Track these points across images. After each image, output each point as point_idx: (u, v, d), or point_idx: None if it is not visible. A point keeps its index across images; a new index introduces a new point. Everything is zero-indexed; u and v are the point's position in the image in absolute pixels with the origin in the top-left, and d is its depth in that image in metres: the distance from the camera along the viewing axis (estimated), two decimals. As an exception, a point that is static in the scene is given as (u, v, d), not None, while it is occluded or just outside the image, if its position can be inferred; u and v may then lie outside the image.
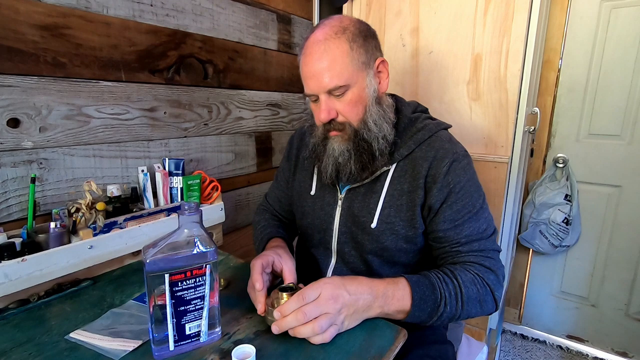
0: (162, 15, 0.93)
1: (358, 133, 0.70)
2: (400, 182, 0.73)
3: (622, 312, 1.62)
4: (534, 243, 1.66)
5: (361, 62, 0.68)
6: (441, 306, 0.63)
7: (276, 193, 0.96)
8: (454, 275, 0.65)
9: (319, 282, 0.59)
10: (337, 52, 0.66)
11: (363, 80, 0.69)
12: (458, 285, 0.64)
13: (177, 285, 0.52)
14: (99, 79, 0.83)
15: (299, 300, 0.56)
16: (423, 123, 0.75)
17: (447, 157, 0.70)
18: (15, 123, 0.71)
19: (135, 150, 0.92)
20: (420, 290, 0.63)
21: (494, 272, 0.68)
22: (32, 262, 0.67)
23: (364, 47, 0.68)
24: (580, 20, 1.50)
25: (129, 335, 0.58)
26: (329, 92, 0.68)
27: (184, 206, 0.54)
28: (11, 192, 0.72)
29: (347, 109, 0.69)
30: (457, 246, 0.69)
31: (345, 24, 0.68)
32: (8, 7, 0.69)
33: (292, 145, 0.92)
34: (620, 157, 1.51)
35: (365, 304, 0.60)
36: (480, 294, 0.66)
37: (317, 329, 0.55)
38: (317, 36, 0.68)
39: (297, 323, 0.55)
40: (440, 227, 0.70)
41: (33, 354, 0.55)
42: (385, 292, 0.62)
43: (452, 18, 1.16)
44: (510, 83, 1.11)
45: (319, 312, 0.56)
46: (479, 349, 1.14)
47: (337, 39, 0.66)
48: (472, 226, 0.69)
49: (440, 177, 0.69)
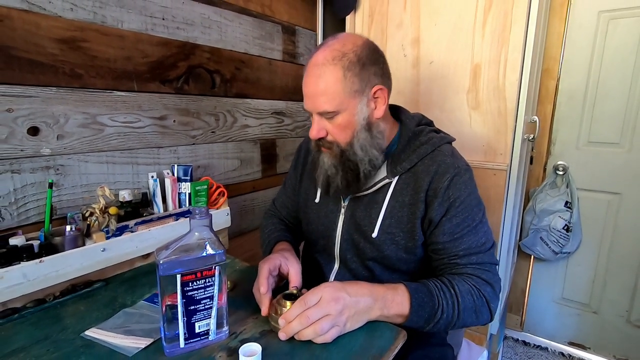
0: (173, 28, 0.98)
1: (344, 153, 0.73)
2: (402, 194, 0.75)
3: (623, 318, 1.62)
4: (535, 249, 1.67)
5: (353, 90, 0.69)
6: (438, 313, 0.66)
7: (283, 199, 1.00)
8: (451, 284, 0.68)
9: (320, 287, 0.62)
10: (330, 79, 0.68)
11: (354, 107, 0.70)
12: (455, 295, 0.67)
13: (188, 285, 0.55)
14: (112, 89, 0.87)
15: (301, 305, 0.59)
16: (427, 136, 0.77)
17: (449, 172, 0.71)
18: (34, 131, 0.75)
19: (146, 157, 0.96)
20: (419, 297, 0.65)
21: (491, 284, 0.70)
22: (48, 263, 0.71)
23: (359, 75, 0.69)
24: (578, 30, 1.53)
25: (141, 334, 0.61)
26: (320, 113, 0.71)
27: (195, 210, 0.58)
28: (30, 197, 0.76)
29: (336, 132, 0.72)
30: (456, 258, 0.71)
31: (346, 50, 0.69)
32: (30, 23, 0.73)
33: (299, 154, 0.96)
34: (620, 164, 1.53)
35: (366, 305, 0.62)
36: (477, 305, 0.68)
37: (318, 331, 0.57)
38: (317, 58, 0.70)
39: (301, 327, 0.58)
40: (439, 240, 0.72)
41: (51, 350, 0.58)
42: (385, 296, 0.64)
43: (451, 29, 1.20)
44: (508, 92, 1.14)
45: (321, 314, 0.58)
46: (479, 354, 1.15)
47: (333, 65, 0.68)
48: (471, 240, 0.71)
49: (441, 191, 0.71)
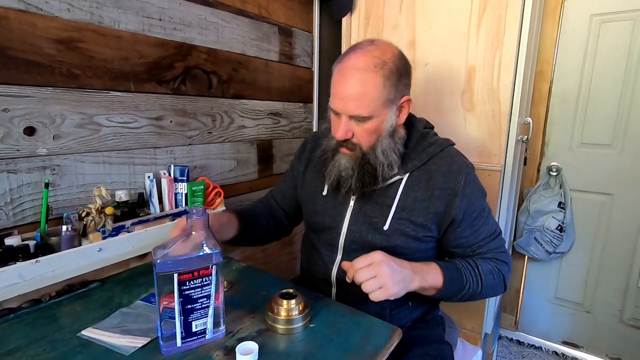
0: (170, 29, 0.98)
1: (365, 156, 0.76)
2: (414, 190, 0.79)
3: (616, 318, 1.64)
4: (529, 250, 1.69)
5: (388, 99, 0.72)
6: (465, 288, 0.75)
7: (282, 187, 1.02)
8: (476, 265, 0.77)
9: (369, 254, 0.67)
10: (370, 85, 0.69)
11: (385, 115, 0.74)
12: (479, 274, 0.76)
13: (185, 284, 0.56)
14: (109, 90, 0.87)
15: (351, 267, 0.66)
16: (433, 139, 0.83)
17: (462, 171, 0.78)
18: (31, 131, 0.75)
19: (143, 158, 0.96)
20: (450, 273, 0.74)
21: (507, 263, 0.81)
22: (45, 263, 0.70)
23: (396, 86, 0.72)
24: (571, 33, 1.55)
25: (138, 333, 0.61)
26: (351, 116, 0.73)
27: (192, 210, 0.58)
28: (26, 197, 0.76)
29: (363, 135, 0.74)
30: (477, 248, 0.80)
31: (386, 58, 0.71)
32: (27, 23, 0.73)
33: (305, 148, 0.98)
34: (612, 165, 1.55)
35: (409, 275, 0.69)
36: (496, 282, 0.78)
37: (367, 289, 0.63)
38: (357, 62, 0.70)
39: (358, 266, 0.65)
40: (463, 234, 0.79)
41: (47, 349, 0.58)
42: (422, 269, 0.72)
43: (446, 32, 1.21)
44: (502, 94, 1.15)
45: (371, 274, 0.64)
46: (474, 353, 1.16)
47: (374, 72, 0.69)
48: (487, 229, 0.80)
49: (460, 190, 0.77)
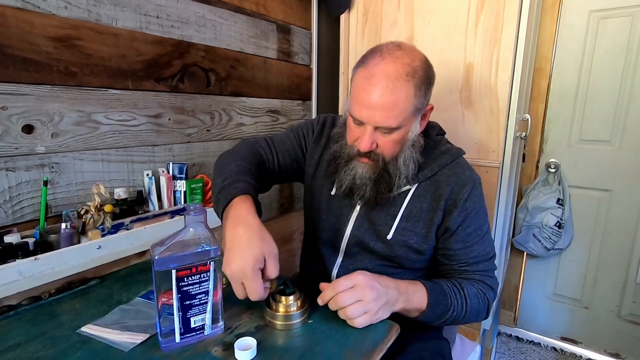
0: (168, 26, 0.98)
1: (387, 166, 0.73)
2: (420, 200, 0.77)
3: (614, 313, 1.65)
4: (527, 246, 1.69)
5: (417, 109, 0.69)
6: (449, 311, 0.72)
7: (287, 143, 0.89)
8: (462, 287, 0.74)
9: (353, 274, 0.64)
10: (402, 95, 0.65)
11: (411, 124, 0.71)
12: (465, 297, 0.73)
13: (183, 280, 0.56)
14: (107, 87, 0.87)
15: (332, 289, 0.62)
16: (445, 147, 0.81)
17: (468, 184, 0.75)
18: (29, 129, 0.75)
19: (141, 155, 0.96)
20: (435, 295, 0.71)
21: (493, 290, 0.78)
22: (44, 260, 0.71)
23: (425, 95, 0.69)
24: (570, 29, 1.55)
25: (137, 329, 0.62)
26: (378, 127, 0.69)
27: (189, 207, 0.58)
28: (24, 195, 0.76)
29: (388, 146, 0.71)
30: (465, 265, 0.77)
31: (416, 65, 0.67)
32: (24, 21, 0.73)
33: (323, 132, 0.88)
34: (610, 162, 1.56)
35: (394, 297, 0.66)
36: (480, 307, 0.75)
37: (349, 314, 0.60)
38: (387, 69, 0.65)
39: (335, 295, 0.61)
40: (452, 247, 0.77)
41: (47, 346, 0.58)
42: (407, 290, 0.69)
43: (445, 29, 1.21)
44: (500, 90, 1.15)
45: (354, 299, 0.61)
46: (472, 349, 1.17)
47: (407, 82, 0.65)
48: (480, 248, 0.77)
49: (460, 202, 0.74)
